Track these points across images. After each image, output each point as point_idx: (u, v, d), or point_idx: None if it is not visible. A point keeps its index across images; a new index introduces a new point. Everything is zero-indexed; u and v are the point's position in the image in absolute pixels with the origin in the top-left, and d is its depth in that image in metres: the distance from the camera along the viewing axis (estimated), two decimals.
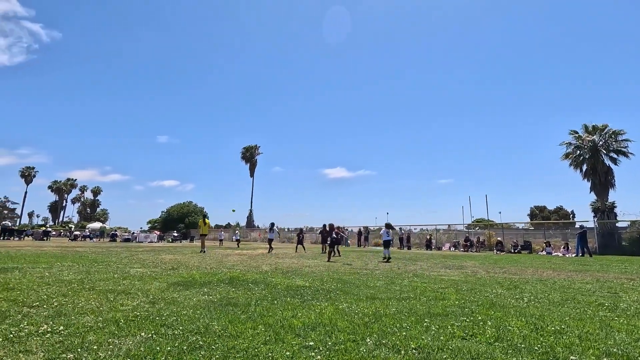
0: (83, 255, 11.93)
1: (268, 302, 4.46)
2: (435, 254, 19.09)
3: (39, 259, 9.78)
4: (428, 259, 14.49)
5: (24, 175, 75.31)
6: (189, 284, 5.90)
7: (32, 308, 3.82)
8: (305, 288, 5.74)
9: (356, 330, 3.20)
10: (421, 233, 33.19)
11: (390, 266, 10.36)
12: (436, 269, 9.76)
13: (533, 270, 10.05)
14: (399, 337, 3.01)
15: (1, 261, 8.71)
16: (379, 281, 6.82)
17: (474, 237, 26.23)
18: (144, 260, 10.58)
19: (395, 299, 4.94)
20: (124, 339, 2.81)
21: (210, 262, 10.45)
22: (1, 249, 13.86)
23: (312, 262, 11.09)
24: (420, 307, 4.31)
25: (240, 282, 6.25)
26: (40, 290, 4.90)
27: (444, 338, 2.99)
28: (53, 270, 7.23)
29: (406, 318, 3.73)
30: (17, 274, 6.45)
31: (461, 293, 5.58)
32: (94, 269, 7.58)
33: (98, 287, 5.25)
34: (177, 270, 7.94)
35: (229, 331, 3.08)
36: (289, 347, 2.69)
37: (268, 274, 7.69)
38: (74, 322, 3.30)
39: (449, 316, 3.87)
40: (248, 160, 63.31)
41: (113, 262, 9.37)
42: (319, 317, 3.70)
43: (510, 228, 33.29)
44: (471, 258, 15.57)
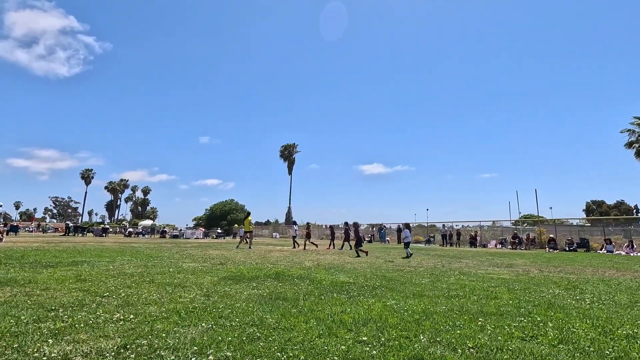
0: (139, 250, 12.82)
1: (315, 297, 4.55)
2: (480, 252, 18.30)
3: (102, 253, 10.66)
4: (473, 256, 13.94)
5: (84, 177, 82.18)
6: (238, 278, 6.15)
7: (103, 298, 4.19)
8: (350, 284, 5.77)
9: (408, 327, 3.18)
10: (464, 230, 31.99)
11: (434, 263, 10.11)
12: (483, 267, 9.38)
13: (593, 269, 9.34)
14: (454, 335, 2.95)
15: (71, 255, 9.61)
16: (424, 278, 6.69)
17: (523, 234, 24.79)
18: (194, 255, 11.16)
19: (443, 296, 4.83)
20: (187, 329, 3.01)
21: (254, 257, 10.81)
22: (69, 245, 15.27)
23: (353, 259, 11.10)
24: (471, 306, 4.18)
25: (285, 277, 6.42)
26: (108, 281, 5.36)
27: (502, 338, 2.89)
28: (116, 264, 7.86)
29: (458, 316, 3.64)
30: (86, 267, 7.09)
31: (514, 292, 5.33)
32: (151, 264, 8.13)
33: (157, 280, 5.64)
34: (225, 265, 8.30)
35: (282, 324, 3.19)
36: (343, 341, 2.73)
37: (311, 269, 7.81)
38: (141, 311, 3.57)
39: (504, 316, 3.72)
40: (286, 158, 64.39)
41: (166, 257, 9.99)
42: (368, 313, 3.71)
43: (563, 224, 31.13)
44: (521, 256, 14.75)
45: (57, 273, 6.04)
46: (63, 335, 2.74)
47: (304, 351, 2.50)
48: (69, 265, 7.30)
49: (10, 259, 8.06)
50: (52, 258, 8.66)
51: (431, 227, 34.63)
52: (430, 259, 11.73)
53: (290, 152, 64.41)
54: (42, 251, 10.81)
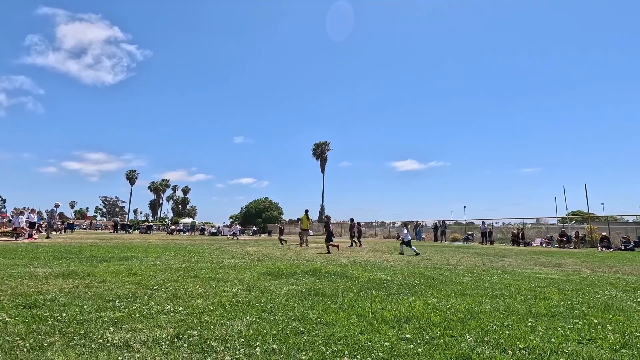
0: (181, 247, 13.46)
1: (354, 294, 4.55)
2: (523, 250, 17.41)
3: (149, 249, 11.31)
4: (516, 255, 13.29)
5: (129, 178, 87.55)
6: (276, 274, 6.29)
7: (153, 290, 4.45)
8: (388, 281, 5.72)
9: (452, 326, 3.10)
10: (504, 227, 30.55)
11: (475, 262, 9.75)
12: (528, 266, 8.92)
13: None
14: (502, 335, 2.84)
15: (122, 251, 10.28)
16: (464, 277, 6.48)
17: (571, 231, 23.25)
18: (232, 252, 11.54)
19: (487, 296, 4.65)
20: (233, 321, 3.12)
21: (290, 254, 10.98)
22: (119, 241, 16.33)
23: (389, 257, 10.97)
24: (518, 306, 4.00)
25: (322, 273, 6.47)
26: (156, 275, 5.68)
27: (556, 340, 2.73)
28: (162, 259, 8.31)
29: (505, 316, 3.49)
30: (135, 262, 7.55)
31: (565, 293, 5.03)
32: (194, 259, 8.51)
33: (200, 275, 5.89)
34: (263, 261, 8.51)
35: (324, 319, 3.22)
36: (387, 338, 2.71)
37: (348, 266, 7.81)
38: (189, 304, 3.76)
39: (556, 317, 3.52)
40: (319, 157, 64.75)
41: (207, 253, 10.41)
42: (409, 310, 3.66)
43: (617, 222, 28.82)
44: (570, 255, 13.86)
45: (111, 267, 6.49)
46: (121, 324, 2.94)
47: (348, 346, 2.52)
48: (120, 260, 7.81)
49: (69, 254, 8.76)
50: (105, 253, 9.31)
51: (469, 224, 33.42)
52: (470, 258, 11.33)
53: (322, 150, 64.68)
54: (96, 247, 11.65)
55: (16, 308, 3.36)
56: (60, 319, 3.01)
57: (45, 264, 6.75)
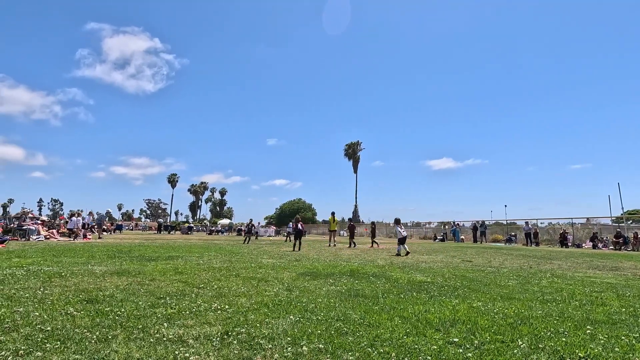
0: (221, 247, 13.93)
1: (394, 296, 4.49)
2: (574, 252, 16.28)
3: (192, 249, 11.82)
4: (566, 257, 12.46)
5: (170, 181, 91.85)
6: (314, 274, 6.34)
7: (200, 289, 4.65)
8: (428, 283, 5.58)
9: (502, 331, 2.97)
10: (551, 227, 28.74)
11: (520, 264, 9.27)
12: (581, 270, 8.34)
13: None
14: (558, 342, 2.68)
15: (167, 251, 10.83)
16: (510, 280, 6.18)
17: (628, 232, 21.42)
18: (270, 252, 11.79)
19: (537, 300, 4.41)
20: (277, 320, 3.20)
21: (327, 255, 11.03)
22: (163, 242, 17.20)
23: (427, 258, 10.70)
24: (573, 312, 3.76)
25: (360, 274, 6.44)
26: (201, 274, 5.93)
27: (620, 350, 2.54)
28: (204, 259, 8.66)
29: (560, 323, 3.30)
30: (180, 261, 7.93)
31: (625, 299, 4.66)
32: (234, 259, 8.79)
33: (242, 274, 6.07)
34: (300, 262, 8.61)
35: (367, 320, 3.21)
36: (433, 341, 2.66)
37: (385, 268, 7.72)
38: (234, 302, 3.89)
39: (618, 325, 3.27)
40: (351, 157, 64.47)
41: (246, 253, 10.71)
42: (453, 313, 3.55)
43: None
44: (628, 258, 12.78)
45: (159, 266, 6.86)
46: (174, 320, 3.11)
47: (394, 348, 2.50)
48: (166, 259, 8.24)
49: (120, 253, 9.36)
50: (152, 253, 9.85)
51: (511, 224, 31.78)
52: (514, 260, 10.78)
53: (354, 150, 64.33)
54: (143, 247, 12.37)
55: (80, 303, 3.66)
56: (120, 314, 3.23)
57: (101, 262, 7.26)
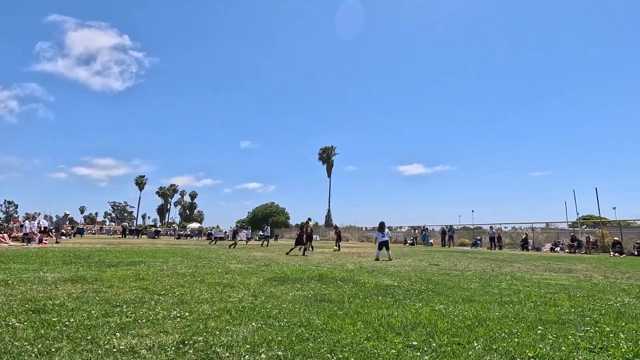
0: (189, 252, 13.53)
1: (360, 300, 4.52)
2: (533, 255, 17.13)
3: (156, 254, 11.39)
4: (526, 260, 13.09)
5: (138, 183, 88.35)
6: (282, 279, 6.27)
7: (160, 296, 4.47)
8: (395, 287, 5.67)
9: (459, 333, 3.05)
10: (514, 232, 30.13)
11: (483, 267, 9.63)
12: (538, 272, 8.77)
13: None
14: (511, 343, 2.79)
15: (129, 256, 10.37)
16: (472, 283, 6.39)
17: (582, 236, 22.84)
18: (239, 257, 11.57)
19: (495, 302, 4.58)
20: (238, 327, 3.12)
21: (297, 259, 10.97)
22: (127, 246, 16.48)
23: (395, 262, 10.88)
24: (528, 313, 3.93)
25: (329, 279, 6.44)
26: (163, 280, 5.71)
27: (567, 349, 2.68)
28: (169, 264, 8.36)
29: (514, 324, 3.43)
30: (143, 266, 7.61)
31: (576, 299, 4.93)
32: (201, 264, 8.54)
33: (207, 280, 5.91)
34: (269, 266, 8.50)
35: (330, 326, 3.20)
36: (393, 345, 2.68)
37: (354, 272, 7.77)
38: (195, 309, 3.76)
39: (567, 325, 3.45)
40: (325, 161, 64.74)
41: (214, 258, 10.45)
42: (415, 317, 3.62)
43: (630, 226, 28.25)
44: (581, 260, 13.60)
45: (119, 272, 6.54)
46: (128, 329, 2.96)
47: (354, 353, 2.50)
48: (128, 265, 7.88)
49: (78, 259, 8.86)
50: (114, 258, 9.40)
51: (477, 229, 33.04)
52: (478, 263, 11.19)
53: (328, 155, 64.70)
54: (104, 252, 11.77)
55: (25, 313, 3.41)
56: (68, 324, 3.03)
57: (55, 268, 6.83)
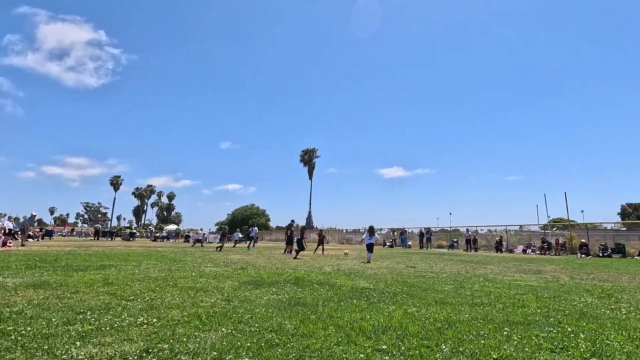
0: (164, 254, 13.17)
1: (335, 304, 4.51)
2: (506, 257, 17.68)
3: (129, 257, 11.02)
4: (499, 262, 13.48)
5: (113, 183, 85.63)
6: (258, 283, 6.20)
7: (128, 301, 4.32)
8: (370, 290, 5.70)
9: (429, 336, 3.09)
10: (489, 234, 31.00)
11: (458, 269, 9.84)
12: (510, 273, 9.05)
13: (630, 276, 8.83)
14: (477, 345, 2.85)
15: (99, 259, 9.99)
16: (447, 285, 6.52)
17: (552, 238, 23.77)
18: (215, 259, 11.36)
19: (467, 304, 4.68)
20: (207, 333, 3.05)
21: (275, 262, 10.87)
22: (99, 249, 15.88)
23: (373, 264, 10.97)
24: (496, 315, 4.03)
25: (305, 282, 6.41)
26: (134, 285, 5.52)
27: (530, 350, 2.76)
28: (141, 267, 8.10)
29: (482, 325, 3.51)
30: (113, 270, 7.34)
31: (543, 300, 5.11)
32: (175, 268, 8.33)
33: (180, 284, 5.76)
34: (246, 269, 8.39)
35: (301, 330, 3.17)
36: (362, 349, 2.69)
37: (331, 275, 7.77)
38: (164, 315, 3.66)
39: (532, 325, 3.56)
40: (307, 163, 64.75)
41: (189, 261, 10.21)
42: (388, 320, 3.64)
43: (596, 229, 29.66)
44: (550, 262, 14.14)
45: (87, 276, 6.29)
46: (90, 338, 2.84)
47: (322, 358, 2.48)
48: (97, 269, 7.58)
49: (44, 262, 8.45)
50: (82, 262, 9.03)
51: (454, 231, 33.81)
52: (454, 265, 11.44)
53: (310, 157, 64.75)
54: (73, 255, 11.30)
55: None
56: (25, 334, 2.88)
57: (17, 273, 6.49)
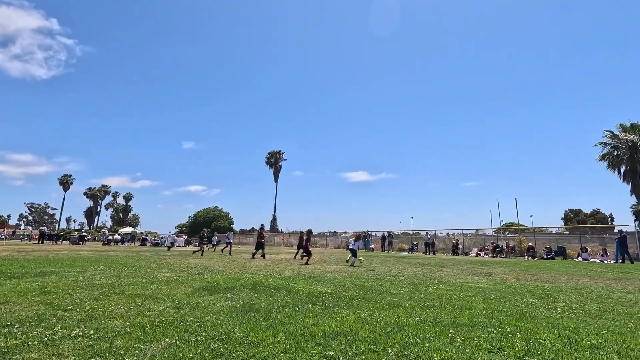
0: (115, 259, 12.42)
1: (289, 309, 4.47)
2: (462, 260, 18.52)
3: (75, 263, 10.27)
4: (455, 264, 14.07)
5: (62, 183, 79.70)
6: (213, 289, 6.00)
7: (65, 312, 4.01)
8: (327, 294, 5.71)
9: (377, 340, 3.14)
10: (447, 238, 32.32)
11: (415, 272, 10.14)
12: (463, 276, 9.45)
13: (568, 277, 9.55)
14: (422, 348, 2.93)
15: (40, 265, 9.22)
16: (402, 288, 6.68)
17: (504, 242, 25.24)
18: (172, 264, 10.88)
19: (419, 307, 4.81)
20: (149, 345, 2.88)
21: (234, 267, 10.61)
22: (41, 254, 14.68)
23: (334, 268, 11.03)
24: (445, 317, 4.18)
25: (263, 287, 6.30)
26: (74, 294, 5.14)
27: (470, 351, 2.88)
28: (87, 274, 7.57)
29: (430, 328, 3.62)
30: (53, 277, 6.80)
31: (489, 302, 5.37)
32: (125, 274, 7.87)
33: (127, 292, 5.44)
34: (202, 275, 8.11)
35: (250, 338, 3.10)
36: (309, 356, 2.67)
37: (291, 279, 7.70)
38: (104, 326, 3.42)
39: (476, 327, 3.72)
40: (272, 166, 64.16)
41: (142, 267, 9.70)
42: (340, 325, 3.65)
43: (542, 232, 31.82)
44: (500, 264, 14.98)
45: (21, 284, 5.77)
46: (12, 354, 2.59)
47: None
48: (35, 276, 6.99)
49: None
50: (20, 268, 8.29)
51: (415, 234, 34.90)
52: (412, 268, 11.77)
53: (276, 160, 64.26)
54: (9, 261, 10.35)
55: None
56: None
57: None
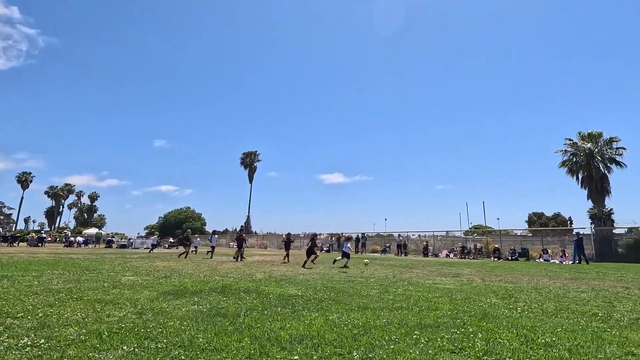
0: (76, 262, 11.80)
1: (258, 313, 4.40)
2: (432, 261, 19.01)
3: (30, 266, 9.67)
4: (425, 266, 14.41)
5: (21, 181, 74.93)
6: (179, 292, 5.82)
7: (15, 319, 3.75)
8: (298, 297, 5.67)
9: (344, 343, 3.14)
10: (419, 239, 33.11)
11: (386, 273, 10.29)
12: (432, 277, 9.69)
13: (529, 278, 10.00)
14: (387, 350, 2.96)
15: None
16: (372, 290, 6.75)
17: (472, 243, 26.16)
18: (137, 267, 10.47)
19: (387, 309, 4.88)
20: (104, 353, 2.75)
21: (204, 269, 10.35)
22: None
23: (306, 270, 11.00)
24: (411, 318, 4.25)
25: (232, 290, 6.18)
26: (27, 300, 4.83)
27: (433, 352, 2.94)
28: (43, 278, 7.14)
29: (396, 330, 3.67)
30: (5, 282, 6.36)
31: (455, 303, 5.52)
32: (85, 278, 7.48)
33: (86, 297, 5.17)
34: (169, 278, 7.85)
35: (213, 344, 3.02)
36: None
37: (261, 282, 7.61)
38: (57, 334, 3.23)
39: (440, 328, 3.81)
40: (247, 166, 63.33)
41: (105, 270, 9.27)
42: (307, 328, 3.64)
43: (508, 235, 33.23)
44: (468, 265, 15.50)
45: None
46: None
47: None
48: None
49: None
50: None
51: (389, 236, 35.50)
52: (383, 269, 11.94)
53: (252, 160, 63.50)
54: None
55: None
56: None
57: None
